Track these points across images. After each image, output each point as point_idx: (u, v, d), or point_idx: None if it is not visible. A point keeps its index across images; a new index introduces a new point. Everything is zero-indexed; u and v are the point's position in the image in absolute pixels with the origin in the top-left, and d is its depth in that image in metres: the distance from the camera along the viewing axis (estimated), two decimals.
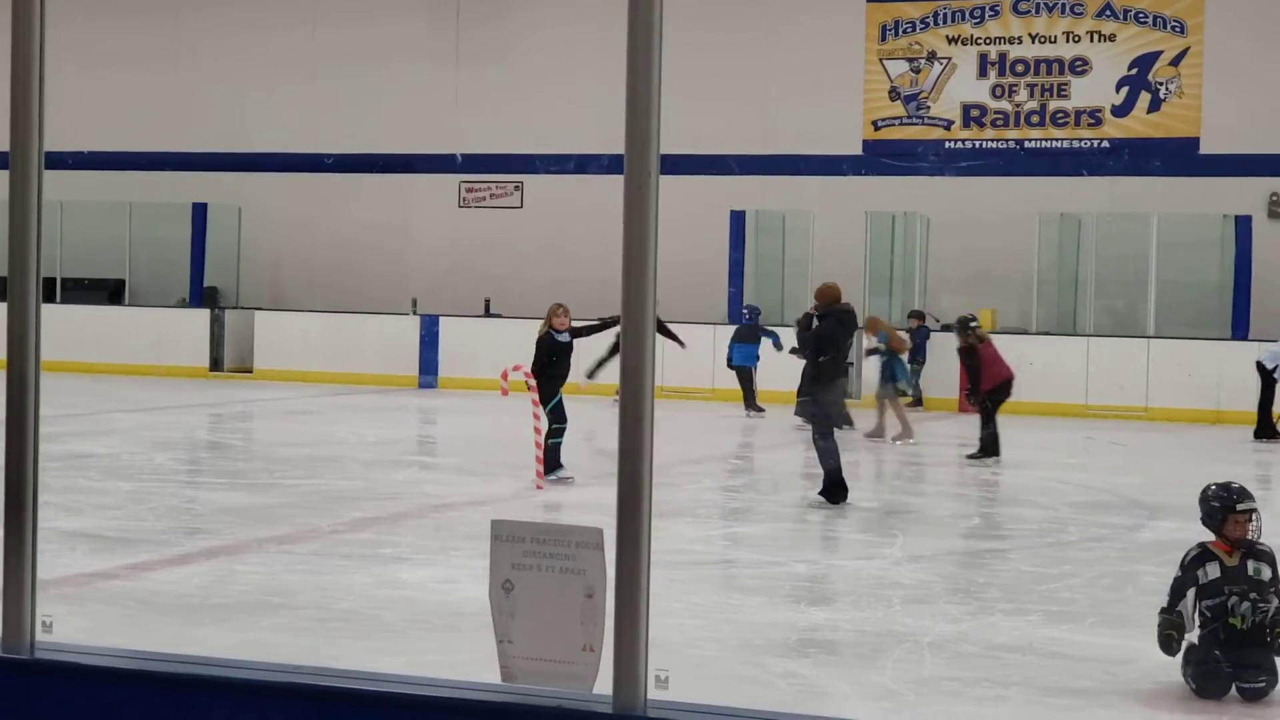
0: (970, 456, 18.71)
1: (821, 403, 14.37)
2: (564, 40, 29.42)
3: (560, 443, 15.07)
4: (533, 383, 15.02)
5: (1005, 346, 25.61)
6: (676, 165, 25.93)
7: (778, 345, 22.74)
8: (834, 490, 14.04)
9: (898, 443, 20.20)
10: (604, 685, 3.40)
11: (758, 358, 23.73)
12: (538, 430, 14.91)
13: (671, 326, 22.27)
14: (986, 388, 18.62)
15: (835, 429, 14.58)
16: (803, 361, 15.02)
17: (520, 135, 30.02)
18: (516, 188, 30.48)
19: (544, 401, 15.01)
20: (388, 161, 30.87)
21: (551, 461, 14.93)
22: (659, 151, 3.32)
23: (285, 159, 31.26)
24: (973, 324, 19.41)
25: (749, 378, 23.73)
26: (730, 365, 24.07)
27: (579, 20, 28.99)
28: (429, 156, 30.66)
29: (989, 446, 18.46)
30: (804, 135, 28.54)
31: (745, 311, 24.95)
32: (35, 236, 3.88)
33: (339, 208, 31.01)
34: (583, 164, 28.98)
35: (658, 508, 10.75)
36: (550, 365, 15.31)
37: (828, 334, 14.35)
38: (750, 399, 23.68)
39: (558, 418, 15.11)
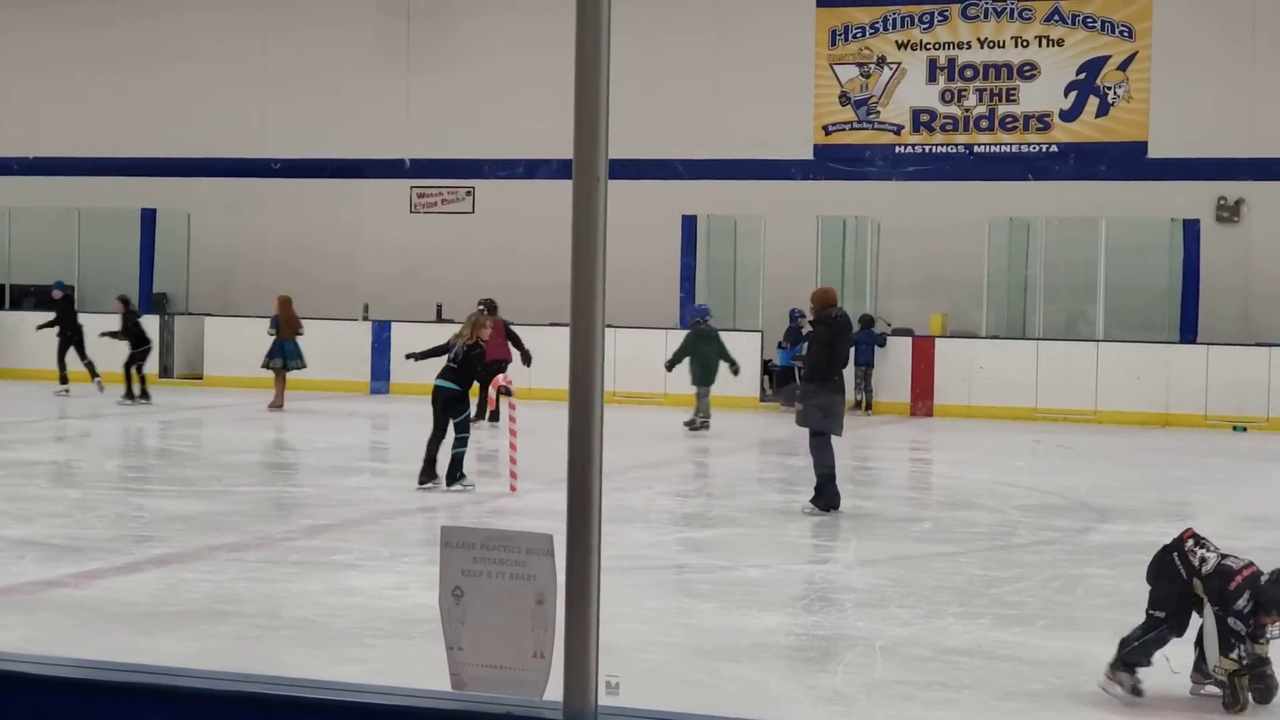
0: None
1: (827, 411, 14.16)
2: (514, 45, 29.39)
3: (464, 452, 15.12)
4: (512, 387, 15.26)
5: (955, 350, 25.92)
6: (627, 170, 25.95)
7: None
8: (830, 497, 14.01)
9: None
10: (554, 691, 3.39)
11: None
12: (514, 432, 15.26)
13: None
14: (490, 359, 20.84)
15: (833, 436, 14.32)
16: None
17: (471, 140, 29.99)
18: (468, 193, 30.43)
19: (464, 412, 15.35)
20: (338, 167, 30.77)
21: (457, 471, 14.99)
22: (607, 156, 3.31)
23: (235, 164, 31.12)
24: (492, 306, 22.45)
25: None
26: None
27: (528, 25, 28.98)
28: (379, 162, 30.59)
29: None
30: (755, 140, 28.60)
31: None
32: None
33: (289, 213, 30.90)
34: (533, 168, 28.98)
35: (610, 513, 10.75)
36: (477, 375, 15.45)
37: (828, 340, 14.29)
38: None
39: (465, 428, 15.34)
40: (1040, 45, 27.94)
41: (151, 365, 28.81)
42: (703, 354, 22.22)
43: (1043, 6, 27.87)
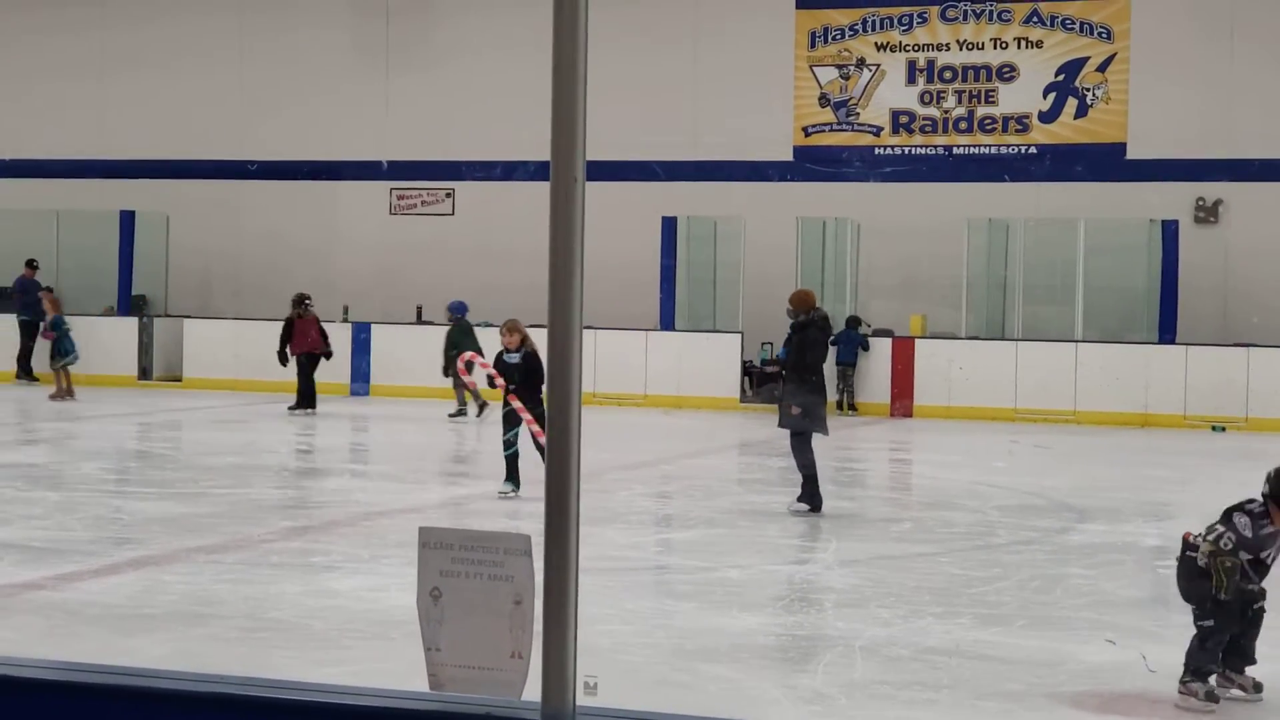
0: (291, 408, 23.29)
1: (808, 412, 14.08)
2: (493, 46, 29.37)
3: (511, 454, 14.57)
4: (493, 372, 14.86)
5: (935, 350, 25.95)
6: (607, 171, 25.94)
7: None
8: (812, 497, 14.04)
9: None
10: (533, 692, 3.39)
11: None
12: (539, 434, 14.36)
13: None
14: (295, 351, 23.53)
15: (819, 435, 14.32)
16: None
17: (450, 142, 29.97)
18: (448, 194, 30.41)
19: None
20: (316, 168, 30.73)
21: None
22: (585, 157, 3.31)
23: (213, 166, 31.07)
24: (307, 301, 24.06)
25: None
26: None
27: (507, 26, 28.96)
28: (358, 163, 30.56)
29: (305, 400, 23.50)
30: (735, 141, 28.62)
31: None
32: None
33: (268, 215, 30.85)
34: (511, 170, 28.97)
35: (590, 514, 10.76)
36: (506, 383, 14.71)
37: (814, 342, 14.23)
38: None
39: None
40: (1019, 47, 27.99)
41: (130, 367, 28.78)
42: (464, 348, 22.26)
43: (1021, 8, 27.92)
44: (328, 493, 15.33)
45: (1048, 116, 27.81)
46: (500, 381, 14.54)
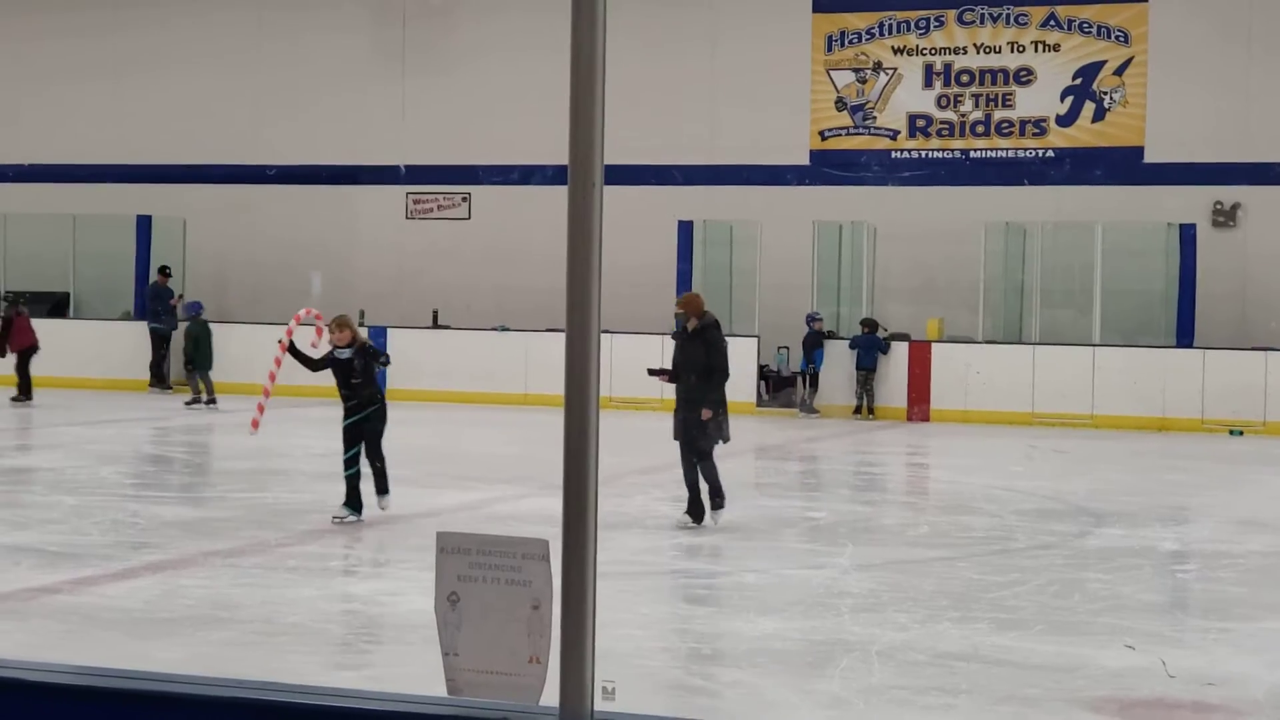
0: (14, 399, 24.46)
1: (724, 421, 13.60)
2: (510, 50, 29.39)
3: (351, 474, 13.37)
4: (320, 324, 14.21)
5: (952, 354, 25.91)
6: (624, 175, 25.95)
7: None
8: (697, 510, 13.47)
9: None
10: (550, 697, 3.38)
11: None
12: (272, 376, 14.96)
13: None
14: (16, 348, 24.79)
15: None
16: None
17: (467, 146, 29.99)
18: (464, 199, 30.42)
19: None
20: (333, 173, 30.78)
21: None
22: (603, 162, 3.31)
23: (230, 170, 31.14)
24: (21, 302, 25.89)
25: None
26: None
27: (524, 30, 28.99)
28: (374, 168, 30.59)
29: (26, 392, 24.70)
30: (751, 145, 28.61)
31: None
32: None
33: (285, 219, 30.89)
34: (529, 175, 28.99)
35: (607, 519, 10.74)
36: (337, 381, 13.64)
37: (723, 344, 13.66)
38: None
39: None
40: (1036, 50, 27.95)
41: (146, 371, 28.84)
42: (205, 343, 25.43)
43: (1039, 12, 27.88)
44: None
45: (1065, 120, 27.76)
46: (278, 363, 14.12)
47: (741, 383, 26.38)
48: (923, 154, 28.38)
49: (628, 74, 26.34)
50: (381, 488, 13.39)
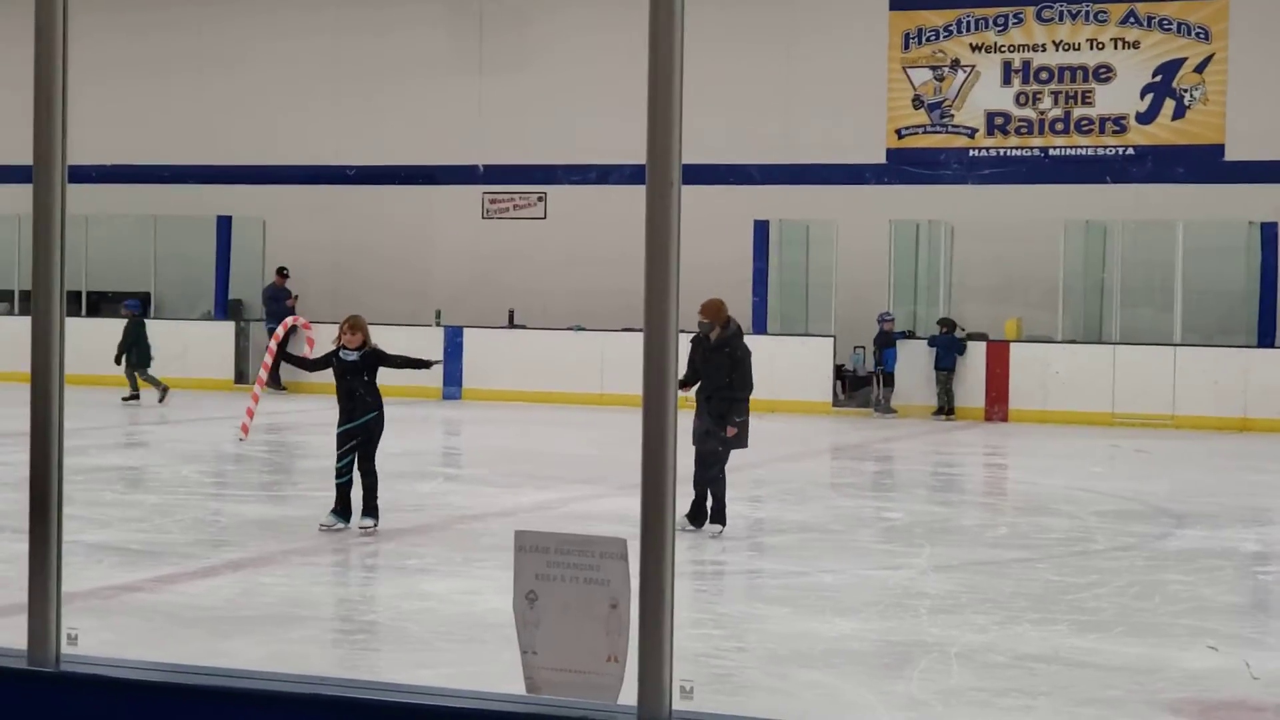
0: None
1: (744, 432, 13.06)
2: (587, 48, 29.42)
3: (342, 482, 12.57)
4: (310, 334, 14.05)
5: (1031, 354, 25.73)
6: (700, 175, 25.93)
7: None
8: (699, 514, 12.98)
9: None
10: (628, 696, 3.39)
11: None
12: (261, 382, 14.40)
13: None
14: None
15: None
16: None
17: (543, 145, 30.03)
18: (540, 198, 30.49)
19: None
20: (410, 173, 30.92)
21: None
22: (680, 161, 3.31)
23: (309, 171, 31.34)
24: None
25: None
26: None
27: (602, 28, 29.02)
28: (452, 168, 30.71)
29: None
30: (828, 144, 28.51)
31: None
32: (58, 250, 3.88)
33: (362, 219, 31.05)
34: (606, 174, 29.02)
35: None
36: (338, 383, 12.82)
37: (748, 355, 13.14)
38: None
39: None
40: (1116, 47, 27.72)
41: (227, 371, 29.11)
42: (143, 340, 25.54)
43: (1118, 9, 27.64)
44: (421, 496, 15.39)
45: (1145, 117, 27.51)
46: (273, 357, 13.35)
47: (817, 382, 26.36)
48: (1001, 152, 28.20)
49: (704, 72, 26.30)
50: (369, 507, 12.46)
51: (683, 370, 12.96)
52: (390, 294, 30.09)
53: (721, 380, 12.85)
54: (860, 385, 26.91)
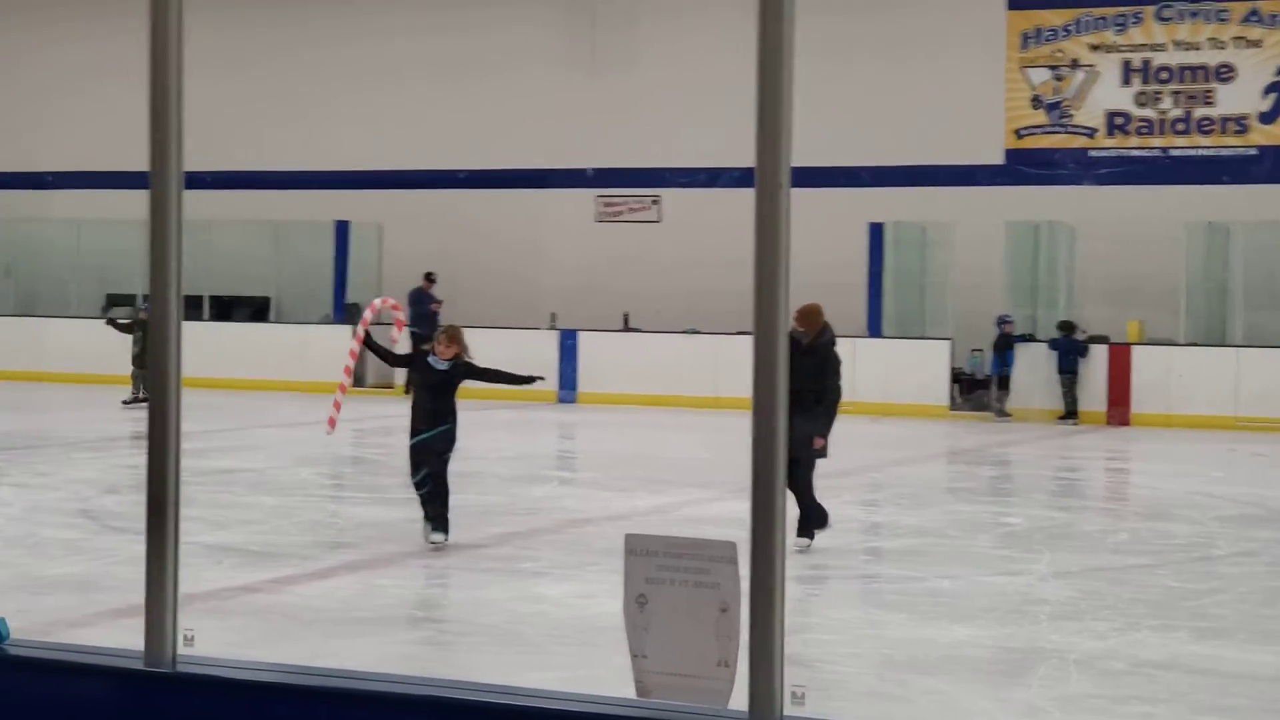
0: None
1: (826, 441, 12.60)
2: (698, 50, 29.37)
3: (422, 495, 12.22)
4: (401, 316, 13.29)
5: (1152, 357, 25.39)
6: (813, 177, 25.85)
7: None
8: (799, 528, 12.34)
9: None
10: (739, 701, 3.37)
11: None
12: (349, 371, 13.47)
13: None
14: None
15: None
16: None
17: (654, 147, 30.04)
18: (654, 201, 30.52)
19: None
20: (524, 176, 31.05)
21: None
22: (790, 163, 3.29)
23: (423, 176, 31.56)
24: None
25: None
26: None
27: (713, 29, 28.96)
28: (564, 171, 30.80)
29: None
30: (944, 145, 28.29)
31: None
32: (175, 255, 3.93)
33: (475, 223, 31.22)
34: (716, 177, 28.96)
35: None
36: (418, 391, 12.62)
37: (840, 367, 12.87)
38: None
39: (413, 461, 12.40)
40: (1237, 47, 27.30)
41: (336, 374, 29.39)
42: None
43: (1239, 7, 27.22)
44: (535, 500, 15.46)
45: (1268, 117, 27.07)
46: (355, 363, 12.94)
47: (933, 386, 26.16)
48: (1121, 152, 27.87)
49: (817, 72, 26.23)
50: (440, 522, 12.02)
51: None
52: (503, 297, 30.24)
53: (809, 386, 12.29)
54: (977, 388, 26.68)
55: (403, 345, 12.96)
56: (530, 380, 13.04)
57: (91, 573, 10.79)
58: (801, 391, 12.06)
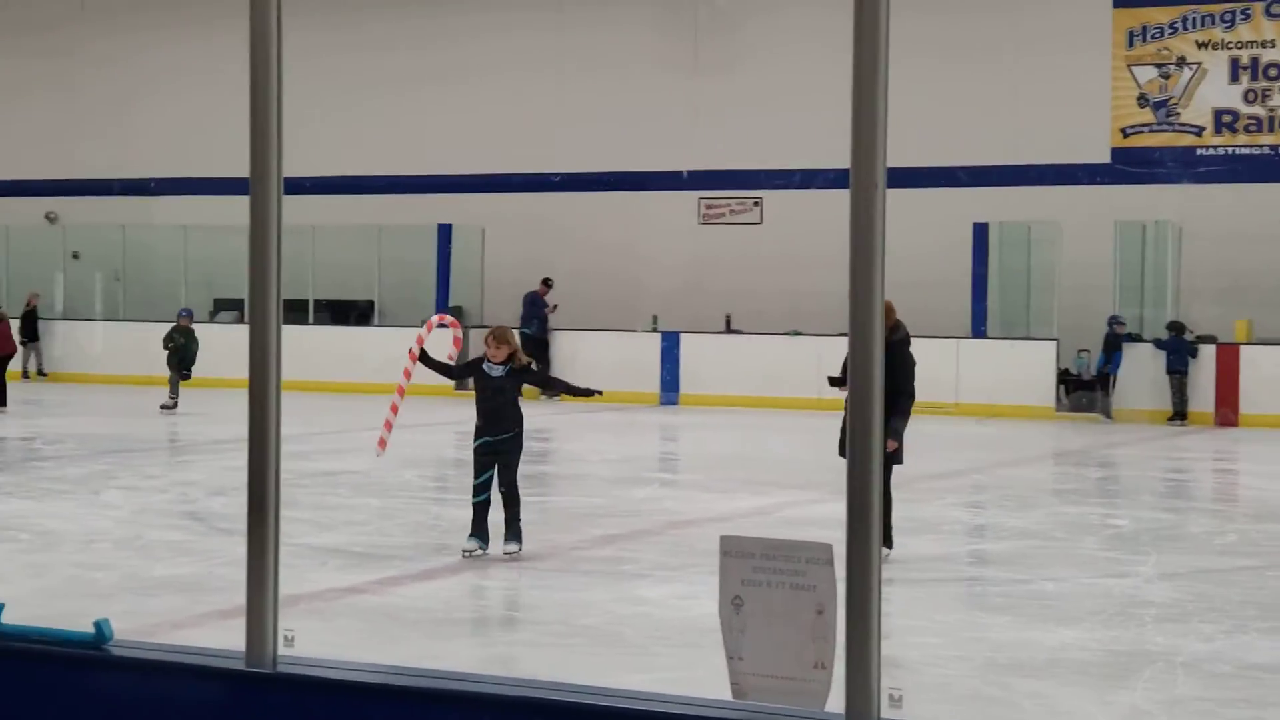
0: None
1: (900, 446, 12.03)
2: (798, 51, 29.29)
3: (479, 501, 11.79)
4: (458, 333, 12.92)
5: (1261, 357, 25.02)
6: (916, 177, 25.73)
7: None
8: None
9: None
10: (836, 703, 3.36)
11: None
12: (401, 391, 12.59)
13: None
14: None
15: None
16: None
17: (752, 149, 30.00)
18: (755, 203, 30.48)
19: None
20: (624, 179, 31.11)
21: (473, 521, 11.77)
22: (885, 164, 3.27)
23: (526, 179, 31.70)
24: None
25: None
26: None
27: (814, 30, 28.86)
28: (664, 174, 30.83)
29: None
30: (1048, 144, 28.06)
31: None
32: (275, 259, 3.97)
33: (578, 225, 31.33)
34: (811, 177, 28.85)
35: (901, 524, 10.65)
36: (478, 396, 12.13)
37: (914, 367, 12.08)
38: None
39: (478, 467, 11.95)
40: None
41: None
42: (187, 348, 24.85)
43: None
44: (637, 501, 15.48)
45: None
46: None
47: (1039, 387, 25.93)
48: (1229, 150, 27.51)
49: (921, 72, 26.11)
50: (512, 531, 11.62)
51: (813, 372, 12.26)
52: (605, 300, 30.32)
53: (891, 388, 11.87)
54: (1084, 389, 26.41)
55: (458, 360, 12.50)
56: (589, 393, 12.73)
57: (197, 574, 10.92)
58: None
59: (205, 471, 17.43)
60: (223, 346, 25.22)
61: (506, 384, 11.83)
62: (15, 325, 29.40)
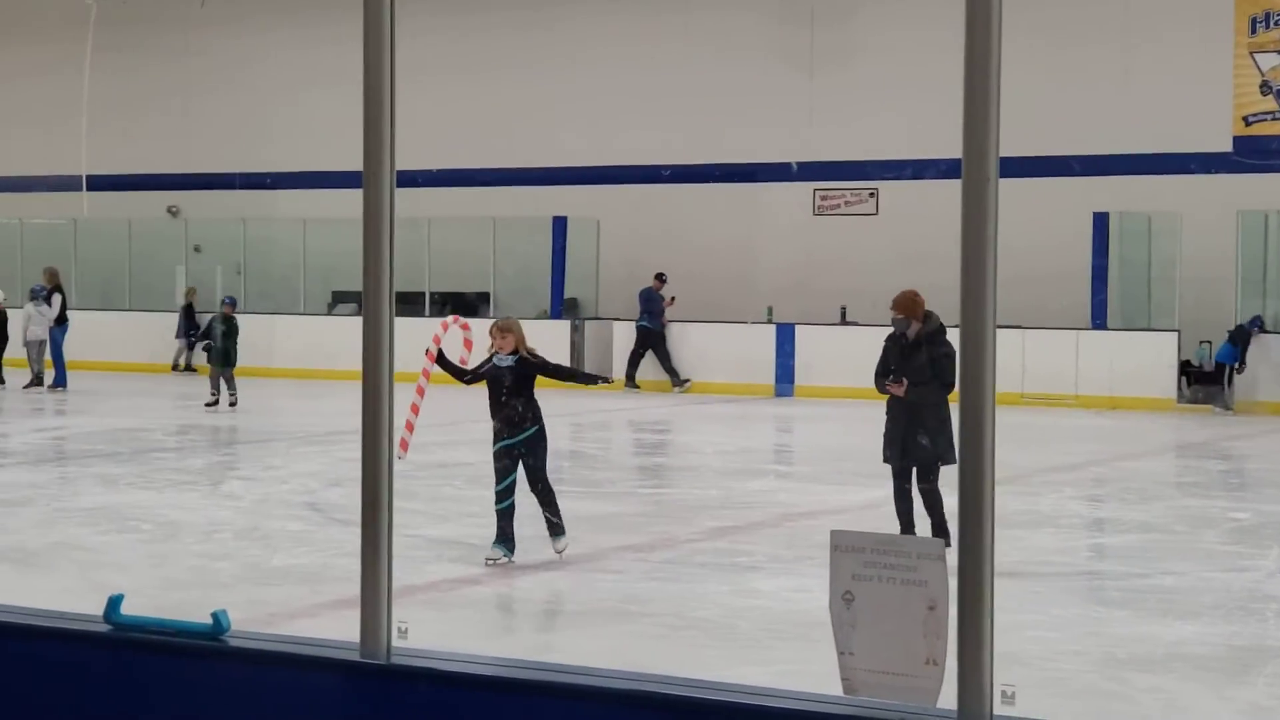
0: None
1: (950, 442, 11.43)
2: (915, 38, 29.06)
3: (503, 508, 11.25)
4: (469, 335, 12.33)
5: None
6: (1034, 167, 25.47)
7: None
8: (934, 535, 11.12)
9: None
10: (948, 700, 3.33)
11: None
12: (421, 391, 12.16)
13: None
14: None
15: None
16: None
17: (865, 141, 29.82)
18: (871, 194, 30.31)
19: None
20: (738, 171, 31.05)
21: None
22: (997, 156, 3.24)
23: (640, 171, 31.72)
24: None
25: None
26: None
27: (929, 21, 28.63)
28: (776, 165, 30.73)
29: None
30: (1168, 133, 27.65)
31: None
32: (388, 252, 4.00)
33: (692, 218, 31.29)
34: (923, 169, 28.62)
35: (1019, 518, 10.57)
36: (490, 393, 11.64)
37: (955, 359, 10.58)
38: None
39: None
40: None
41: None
42: (225, 348, 23.78)
43: None
44: (752, 493, 15.45)
45: None
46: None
47: (1160, 379, 25.58)
48: None
49: (1040, 61, 25.85)
50: (553, 527, 11.23)
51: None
52: (719, 292, 30.26)
53: (921, 380, 11.46)
54: (1206, 381, 25.99)
55: (471, 362, 12.16)
56: (596, 380, 12.58)
57: (315, 564, 11.04)
58: (912, 386, 11.47)
59: (324, 462, 17.60)
60: (342, 338, 25.43)
61: (520, 376, 11.35)
62: (142, 318, 30.12)
